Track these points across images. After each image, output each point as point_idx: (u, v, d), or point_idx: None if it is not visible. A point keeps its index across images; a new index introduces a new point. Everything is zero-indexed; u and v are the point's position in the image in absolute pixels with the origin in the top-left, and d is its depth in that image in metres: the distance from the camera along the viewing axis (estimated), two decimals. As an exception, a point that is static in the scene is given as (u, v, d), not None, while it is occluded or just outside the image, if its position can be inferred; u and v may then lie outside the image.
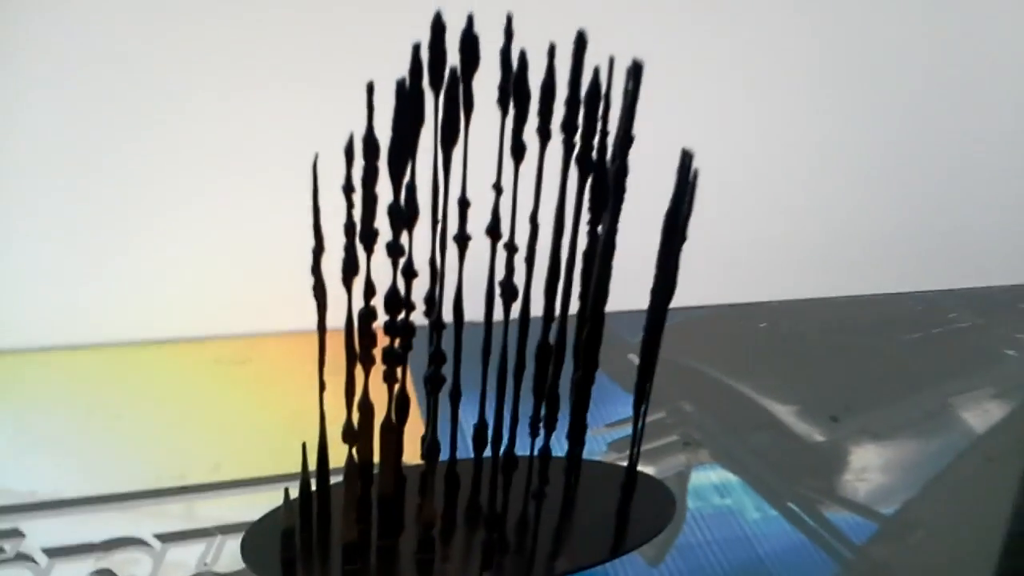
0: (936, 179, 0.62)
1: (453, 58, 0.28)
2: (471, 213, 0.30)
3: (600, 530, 0.37)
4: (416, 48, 0.27)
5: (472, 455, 0.34)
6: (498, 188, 0.31)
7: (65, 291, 0.49)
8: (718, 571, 0.39)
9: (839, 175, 0.60)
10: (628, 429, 0.47)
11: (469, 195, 0.30)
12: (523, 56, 0.28)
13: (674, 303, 0.33)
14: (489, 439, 0.33)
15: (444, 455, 0.34)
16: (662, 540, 0.40)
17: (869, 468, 0.46)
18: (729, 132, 0.56)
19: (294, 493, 0.33)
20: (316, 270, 0.31)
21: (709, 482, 0.44)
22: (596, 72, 0.28)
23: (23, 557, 0.37)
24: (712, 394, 0.50)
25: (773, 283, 0.61)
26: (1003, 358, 0.56)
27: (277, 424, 0.45)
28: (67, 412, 0.45)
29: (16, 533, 0.38)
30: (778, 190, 0.59)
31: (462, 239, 0.31)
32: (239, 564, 0.35)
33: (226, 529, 0.39)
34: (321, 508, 0.34)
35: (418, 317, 0.31)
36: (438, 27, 0.28)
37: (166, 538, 0.38)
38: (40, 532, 0.38)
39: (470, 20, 0.28)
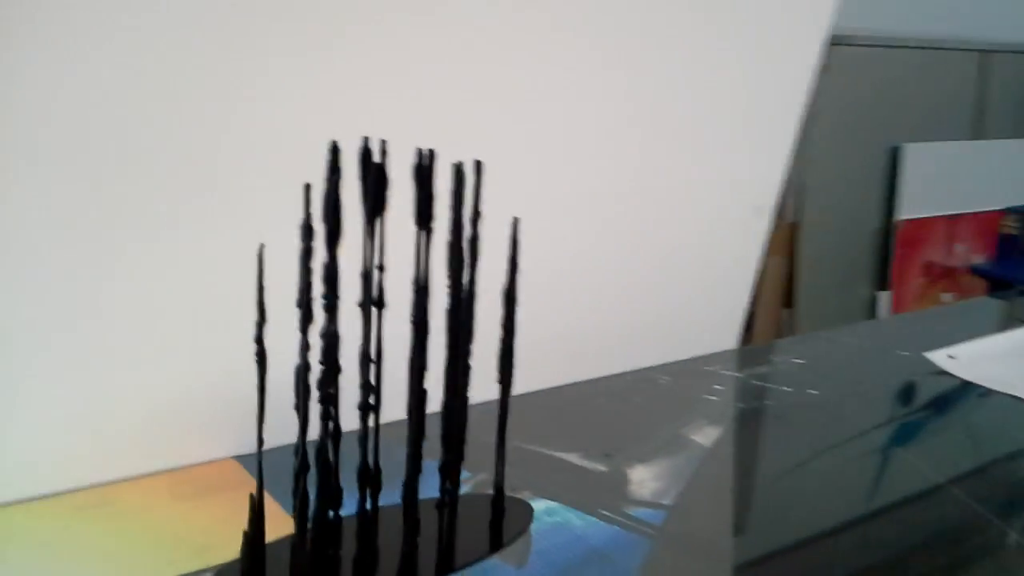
0: (624, 285, 0.81)
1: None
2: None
3: (482, 533, 0.46)
4: (331, 160, 0.39)
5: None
6: (381, 267, 0.42)
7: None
8: (567, 562, 0.50)
9: (566, 288, 0.77)
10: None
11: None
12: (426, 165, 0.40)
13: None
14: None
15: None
16: (521, 549, 0.51)
17: (645, 479, 0.60)
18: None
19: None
20: (259, 339, 0.40)
21: (537, 509, 0.55)
22: (458, 169, 0.41)
23: None
24: (516, 456, 0.62)
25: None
26: (706, 401, 0.74)
27: (163, 539, 0.50)
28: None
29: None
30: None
31: (366, 304, 0.41)
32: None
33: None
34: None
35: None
36: (335, 149, 0.40)
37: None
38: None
39: (365, 140, 0.40)
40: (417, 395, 0.42)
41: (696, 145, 0.78)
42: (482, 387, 0.47)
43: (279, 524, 0.48)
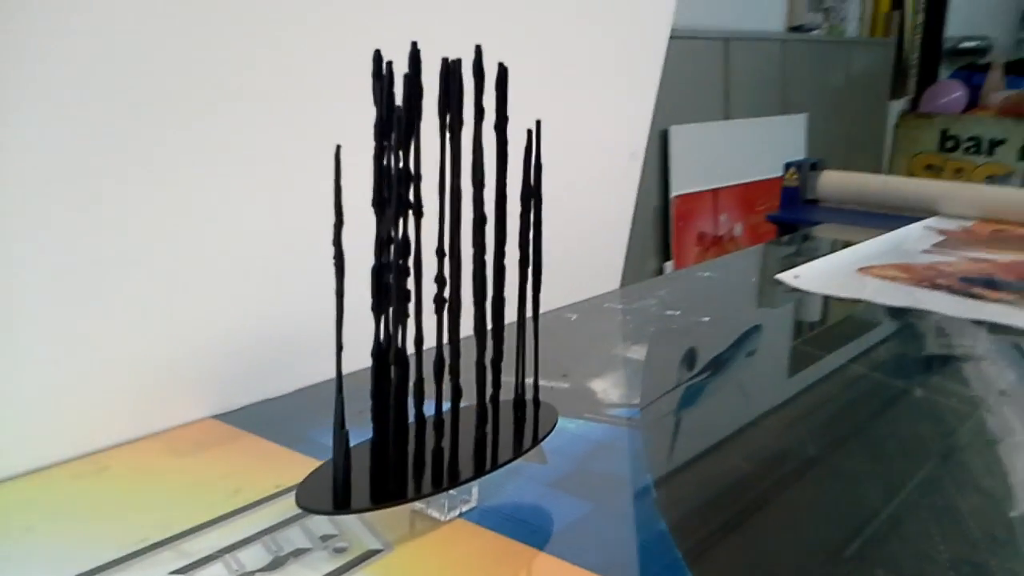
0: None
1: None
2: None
3: (519, 431, 0.49)
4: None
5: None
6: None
7: None
8: (582, 454, 0.54)
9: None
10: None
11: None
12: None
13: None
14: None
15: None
16: (538, 451, 0.54)
17: (606, 388, 0.65)
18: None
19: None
20: (337, 242, 0.40)
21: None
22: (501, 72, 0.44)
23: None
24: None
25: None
26: (620, 328, 0.81)
27: (188, 489, 0.48)
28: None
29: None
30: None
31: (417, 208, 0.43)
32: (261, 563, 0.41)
33: (229, 548, 0.42)
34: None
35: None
36: (377, 58, 0.41)
37: (182, 570, 0.40)
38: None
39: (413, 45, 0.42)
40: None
41: (571, 95, 0.84)
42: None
43: (295, 466, 0.48)
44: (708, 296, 0.94)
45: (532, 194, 0.48)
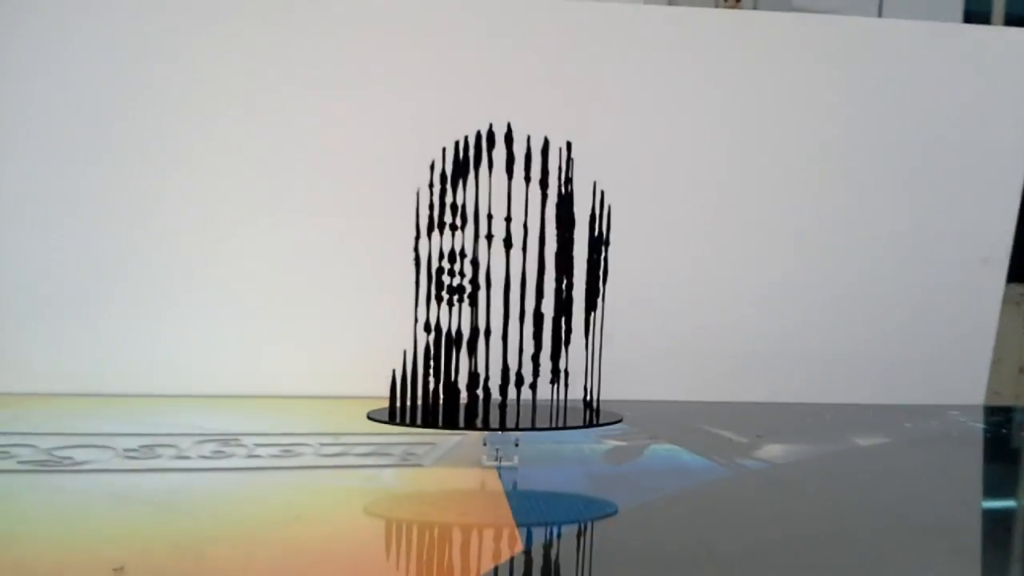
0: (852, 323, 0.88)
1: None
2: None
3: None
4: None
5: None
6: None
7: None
8: (655, 468, 0.63)
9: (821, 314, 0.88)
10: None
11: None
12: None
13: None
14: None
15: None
16: (626, 458, 0.65)
17: (775, 451, 0.69)
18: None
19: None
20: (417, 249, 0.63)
21: (660, 450, 0.68)
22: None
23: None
24: (688, 429, 0.75)
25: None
26: (904, 428, 0.79)
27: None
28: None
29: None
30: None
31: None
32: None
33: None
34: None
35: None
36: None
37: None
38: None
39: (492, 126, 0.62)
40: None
41: (925, 198, 0.85)
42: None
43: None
44: None
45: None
